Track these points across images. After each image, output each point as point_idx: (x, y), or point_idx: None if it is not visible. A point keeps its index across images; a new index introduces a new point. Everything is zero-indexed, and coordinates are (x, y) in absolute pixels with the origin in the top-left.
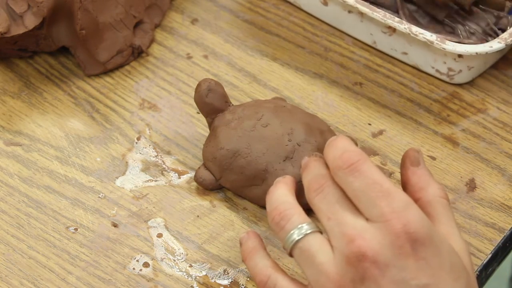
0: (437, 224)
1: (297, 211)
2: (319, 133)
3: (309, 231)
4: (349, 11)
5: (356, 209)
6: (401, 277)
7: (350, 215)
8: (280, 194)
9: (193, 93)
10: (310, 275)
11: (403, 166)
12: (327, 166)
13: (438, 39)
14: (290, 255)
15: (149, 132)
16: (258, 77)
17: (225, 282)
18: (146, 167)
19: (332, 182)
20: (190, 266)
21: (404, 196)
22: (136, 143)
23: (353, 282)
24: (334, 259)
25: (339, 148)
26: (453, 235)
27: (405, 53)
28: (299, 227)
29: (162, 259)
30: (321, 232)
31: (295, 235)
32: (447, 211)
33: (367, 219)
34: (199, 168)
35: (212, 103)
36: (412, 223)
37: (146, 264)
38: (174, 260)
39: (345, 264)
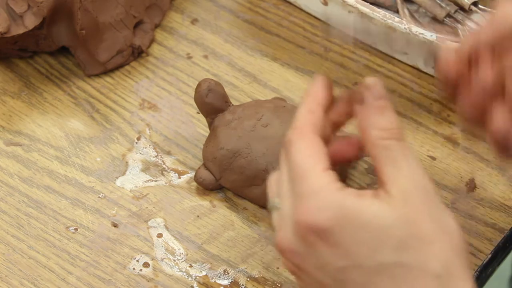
0: (380, 168)
1: (273, 186)
2: None
3: (274, 205)
4: (349, 11)
5: (291, 192)
6: (319, 263)
7: (285, 197)
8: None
9: (193, 93)
10: None
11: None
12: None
13: (438, 39)
14: None
15: (149, 132)
16: (258, 77)
17: (225, 282)
18: (146, 167)
19: (292, 153)
20: (190, 266)
21: (316, 179)
22: (136, 143)
23: (293, 266)
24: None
25: (295, 121)
26: (396, 177)
27: (405, 53)
28: (272, 199)
29: (162, 259)
30: None
31: (269, 206)
32: (391, 152)
33: None
34: (199, 168)
35: (212, 103)
36: (311, 211)
37: (146, 264)
38: (174, 260)
39: (280, 254)
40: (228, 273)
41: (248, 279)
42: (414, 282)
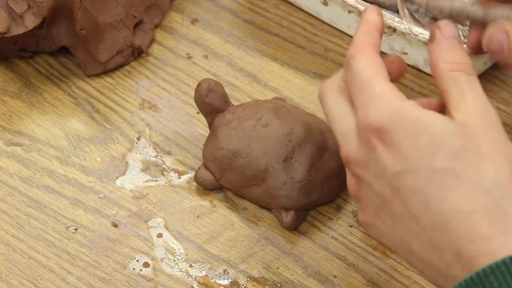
0: (447, 98)
1: None
2: (319, 133)
3: None
4: (349, 11)
5: (351, 109)
6: (378, 169)
7: (341, 119)
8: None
9: (193, 93)
10: None
11: None
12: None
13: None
14: None
15: (149, 132)
16: (258, 77)
17: (225, 282)
18: (146, 167)
19: (330, 88)
20: (190, 266)
21: (378, 86)
22: (136, 143)
23: (356, 184)
24: None
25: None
26: (462, 105)
27: (405, 53)
28: None
29: (162, 259)
30: None
31: None
32: (458, 82)
33: None
34: (199, 168)
35: (212, 103)
36: (372, 113)
37: (146, 264)
38: (174, 260)
39: (347, 168)
40: (228, 273)
41: (248, 279)
42: (465, 192)
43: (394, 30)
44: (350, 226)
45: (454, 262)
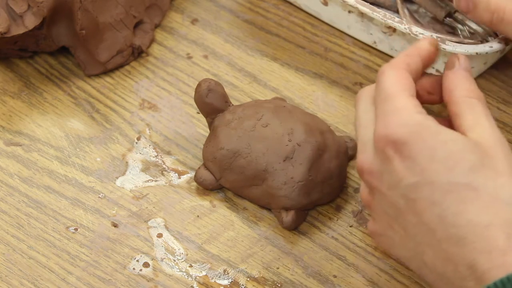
0: (461, 121)
1: None
2: (319, 133)
3: None
4: (349, 11)
5: (373, 120)
6: (393, 180)
7: (364, 127)
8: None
9: (193, 93)
10: None
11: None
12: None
13: (438, 39)
14: None
15: (149, 132)
16: (258, 77)
17: (225, 282)
18: (146, 167)
19: (364, 96)
20: (190, 266)
21: (401, 101)
22: (136, 143)
23: (370, 194)
24: None
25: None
26: (477, 127)
27: None
28: None
29: (162, 259)
30: None
31: None
32: (474, 108)
33: None
34: (199, 168)
35: (212, 103)
36: (391, 125)
37: (146, 264)
38: (174, 260)
39: (361, 177)
40: (228, 273)
41: (248, 279)
42: (482, 206)
43: (394, 30)
44: (350, 226)
45: (468, 275)
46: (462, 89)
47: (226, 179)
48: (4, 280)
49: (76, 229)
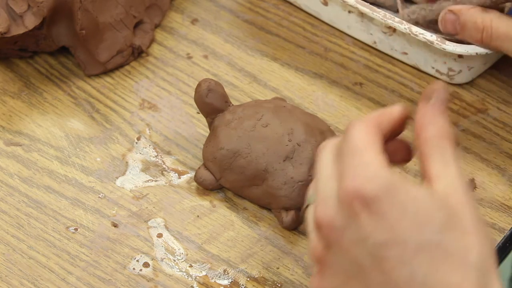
0: (429, 164)
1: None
2: (319, 133)
3: (308, 203)
4: (349, 11)
5: (336, 172)
6: (358, 236)
7: (326, 180)
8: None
9: (193, 93)
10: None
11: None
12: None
13: (438, 39)
14: None
15: (149, 132)
16: (258, 77)
17: (225, 282)
18: (146, 167)
19: (329, 147)
20: (190, 266)
21: (369, 155)
22: (136, 143)
23: (325, 249)
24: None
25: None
26: (444, 175)
27: (405, 53)
28: (308, 197)
29: (162, 259)
30: None
31: (303, 207)
32: (444, 151)
33: None
34: (199, 168)
35: (212, 103)
36: (359, 179)
37: (146, 264)
38: (174, 260)
39: (316, 231)
40: (228, 273)
41: (248, 279)
42: (453, 266)
43: (394, 30)
44: None
45: None
46: (435, 127)
47: (226, 179)
48: (4, 280)
49: (76, 229)
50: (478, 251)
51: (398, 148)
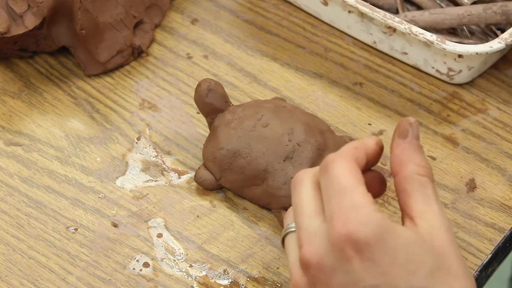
0: (411, 202)
1: (290, 211)
2: (319, 133)
3: (289, 230)
4: (349, 11)
5: (318, 211)
6: (348, 280)
7: (306, 218)
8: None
9: (193, 93)
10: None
11: (392, 136)
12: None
13: (438, 39)
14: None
15: (149, 132)
16: (258, 77)
17: (225, 282)
18: (146, 167)
19: (308, 180)
20: (190, 266)
21: (357, 196)
22: (136, 143)
23: (309, 286)
24: (297, 261)
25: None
26: (427, 213)
27: (405, 53)
28: (287, 225)
29: (162, 259)
30: None
31: (282, 233)
32: (424, 189)
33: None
34: (199, 168)
35: (212, 103)
36: (352, 223)
37: (146, 264)
38: (174, 260)
39: (301, 268)
40: (228, 273)
41: (248, 279)
42: None
43: (394, 30)
44: None
45: None
46: (414, 165)
47: (226, 179)
48: (4, 280)
49: (76, 229)
50: None
51: (372, 180)
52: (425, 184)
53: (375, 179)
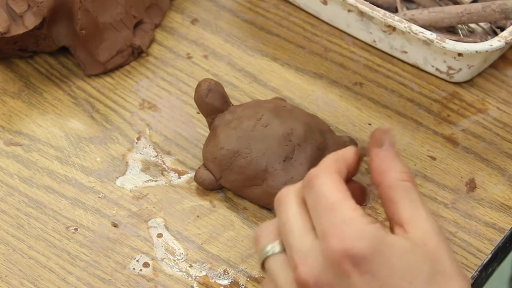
0: (399, 209)
1: (266, 232)
2: (319, 133)
3: (270, 253)
4: (349, 10)
5: (308, 228)
6: None
7: (297, 237)
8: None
9: (193, 93)
10: None
11: (368, 147)
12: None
13: (438, 37)
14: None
15: (149, 132)
16: (258, 77)
17: (225, 282)
18: (146, 167)
19: (290, 198)
20: (190, 266)
21: (348, 210)
22: (136, 143)
23: None
24: (290, 282)
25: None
26: (417, 219)
27: (405, 52)
28: (265, 248)
29: (162, 259)
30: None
31: (262, 256)
32: (410, 194)
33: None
34: (199, 168)
35: (212, 103)
36: (347, 238)
37: (146, 264)
38: (174, 260)
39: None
40: (228, 273)
41: (248, 279)
42: None
43: (394, 29)
44: None
45: None
46: (396, 172)
47: (226, 179)
48: (4, 280)
49: (76, 229)
50: None
51: (354, 191)
52: (409, 189)
53: (357, 190)
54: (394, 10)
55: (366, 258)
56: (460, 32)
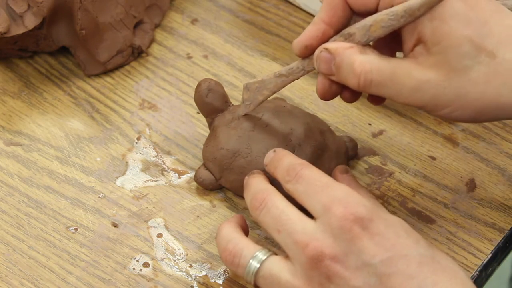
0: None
1: (245, 244)
2: (319, 133)
3: (263, 258)
4: None
5: (304, 214)
6: (362, 260)
7: (298, 222)
8: (225, 233)
9: (193, 93)
10: None
11: (334, 175)
12: (267, 179)
13: None
14: (256, 287)
15: (149, 132)
16: (258, 77)
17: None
18: (146, 167)
19: (274, 194)
20: (190, 266)
21: (343, 187)
22: (136, 143)
23: (322, 285)
24: (296, 271)
25: (285, 164)
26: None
27: None
28: (254, 257)
29: (162, 259)
30: (276, 253)
31: (252, 267)
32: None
33: (315, 219)
34: (199, 168)
35: (212, 103)
36: (352, 204)
37: (146, 264)
38: (174, 260)
39: (308, 270)
40: (228, 273)
41: None
42: (450, 276)
43: None
44: None
45: None
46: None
47: (226, 179)
48: (4, 280)
49: (76, 229)
50: (463, 270)
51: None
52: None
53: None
54: None
55: (372, 221)
56: None
